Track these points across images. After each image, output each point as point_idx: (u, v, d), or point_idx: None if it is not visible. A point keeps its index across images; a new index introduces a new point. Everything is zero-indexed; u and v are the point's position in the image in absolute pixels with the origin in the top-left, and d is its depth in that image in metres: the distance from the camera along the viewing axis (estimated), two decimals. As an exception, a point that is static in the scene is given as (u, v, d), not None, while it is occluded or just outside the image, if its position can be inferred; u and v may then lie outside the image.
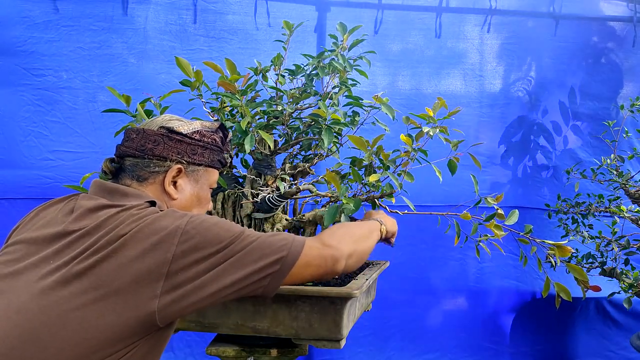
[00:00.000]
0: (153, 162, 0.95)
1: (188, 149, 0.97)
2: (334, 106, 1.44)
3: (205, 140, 1.00)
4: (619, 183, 2.04)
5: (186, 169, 0.98)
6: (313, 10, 2.42)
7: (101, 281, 0.77)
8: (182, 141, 0.97)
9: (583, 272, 1.26)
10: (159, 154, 0.95)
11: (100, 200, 0.89)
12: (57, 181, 2.19)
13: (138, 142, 0.96)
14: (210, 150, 1.01)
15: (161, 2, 2.30)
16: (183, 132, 0.97)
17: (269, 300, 1.23)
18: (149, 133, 0.96)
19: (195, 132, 0.99)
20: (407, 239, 2.48)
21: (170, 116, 1.03)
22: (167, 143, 0.96)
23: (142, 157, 0.95)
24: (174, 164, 0.96)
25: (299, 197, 1.51)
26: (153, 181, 0.95)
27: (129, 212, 0.84)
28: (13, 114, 2.19)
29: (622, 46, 2.61)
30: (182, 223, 0.82)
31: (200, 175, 1.00)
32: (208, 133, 1.01)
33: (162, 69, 2.28)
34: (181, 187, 0.98)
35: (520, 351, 2.62)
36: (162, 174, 0.96)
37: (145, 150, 0.95)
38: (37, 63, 2.18)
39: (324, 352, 2.41)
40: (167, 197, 0.96)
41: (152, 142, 0.95)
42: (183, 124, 1.00)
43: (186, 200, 0.98)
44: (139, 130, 0.98)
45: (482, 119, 2.58)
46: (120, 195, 0.91)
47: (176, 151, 0.96)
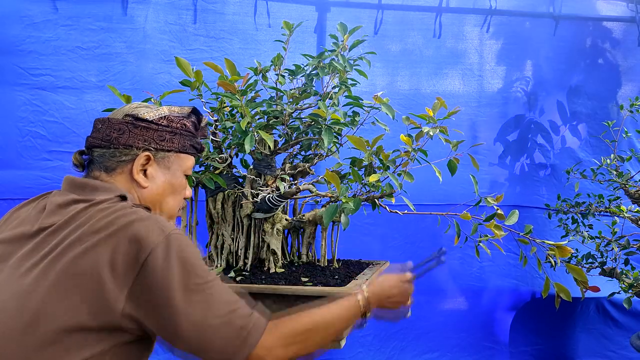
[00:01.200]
0: (119, 151, 0.93)
1: (155, 135, 0.94)
2: (333, 106, 1.43)
3: (173, 125, 0.97)
4: (618, 183, 2.04)
5: (155, 156, 0.95)
6: (313, 10, 2.42)
7: (74, 273, 0.77)
8: (149, 128, 0.94)
9: (582, 272, 1.26)
10: (125, 143, 0.93)
11: (70, 196, 0.88)
12: (55, 181, 2.18)
13: (104, 131, 0.94)
14: (180, 136, 0.97)
15: (161, 2, 2.29)
16: (149, 118, 0.95)
17: (269, 301, 1.23)
18: (114, 122, 0.94)
19: (162, 118, 0.96)
20: (406, 239, 2.48)
21: (137, 104, 1.00)
22: (132, 131, 0.93)
23: (108, 147, 0.93)
24: (141, 152, 0.93)
25: (298, 197, 1.50)
26: (121, 171, 0.93)
27: (99, 206, 0.83)
28: (10, 114, 2.18)
29: (621, 46, 2.61)
30: (156, 242, 0.79)
31: (171, 162, 0.97)
32: (177, 118, 0.98)
33: (161, 69, 2.27)
34: (151, 175, 0.95)
35: (520, 350, 2.62)
36: (129, 163, 0.93)
37: (111, 140, 0.93)
38: (35, 62, 2.17)
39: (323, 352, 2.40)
40: (137, 186, 0.94)
41: (117, 130, 0.93)
42: (149, 110, 0.97)
43: (158, 188, 0.96)
44: (105, 119, 0.95)
45: (481, 119, 2.58)
46: (90, 189, 0.89)
47: (142, 138, 0.93)
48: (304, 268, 1.49)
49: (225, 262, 1.49)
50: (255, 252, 1.48)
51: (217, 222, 1.50)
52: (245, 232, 1.48)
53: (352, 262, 1.67)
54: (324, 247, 1.55)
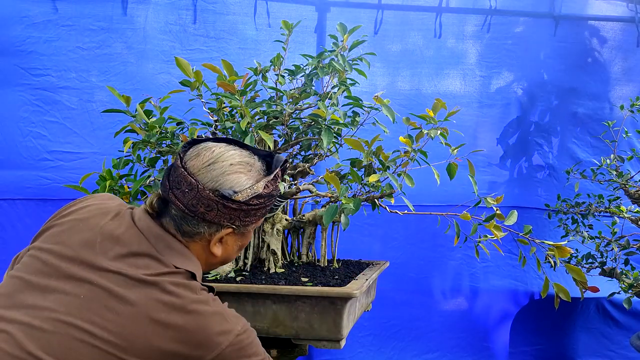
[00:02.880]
0: (202, 225, 0.87)
1: (242, 214, 0.88)
2: (333, 106, 1.43)
3: (262, 201, 0.89)
4: (618, 183, 2.04)
5: (237, 231, 0.90)
6: (313, 10, 2.42)
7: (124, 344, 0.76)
8: (238, 209, 0.87)
9: (582, 272, 1.26)
10: (211, 220, 0.86)
11: (143, 245, 0.84)
12: (55, 182, 2.18)
13: (190, 199, 0.85)
14: (265, 207, 0.91)
15: (161, 2, 2.30)
16: (241, 199, 0.86)
17: (269, 301, 1.23)
18: (203, 195, 0.84)
19: (254, 198, 0.87)
20: (406, 239, 2.48)
21: (228, 163, 0.87)
22: (221, 210, 0.86)
23: (193, 216, 0.86)
24: (224, 229, 0.89)
25: (299, 197, 1.51)
26: (198, 240, 0.89)
27: (168, 280, 0.81)
28: (11, 114, 2.18)
29: (621, 46, 2.61)
30: (225, 344, 0.81)
31: (249, 229, 0.93)
32: (267, 192, 0.89)
33: (161, 69, 2.28)
34: (226, 243, 0.91)
35: (520, 350, 2.62)
36: (208, 233, 0.88)
37: (196, 213, 0.85)
38: (35, 63, 2.17)
39: (324, 352, 2.41)
40: (210, 255, 0.91)
41: (205, 206, 0.85)
42: (240, 184, 0.86)
43: (229, 253, 0.94)
44: (194, 185, 0.84)
45: (480, 119, 2.58)
46: (164, 246, 0.85)
47: (229, 217, 0.87)
48: (304, 268, 1.49)
49: (225, 262, 1.49)
50: (255, 252, 1.49)
51: (217, 222, 1.50)
52: (245, 232, 1.47)
53: (352, 262, 1.67)
54: (324, 247, 1.55)
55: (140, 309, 0.78)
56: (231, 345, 0.81)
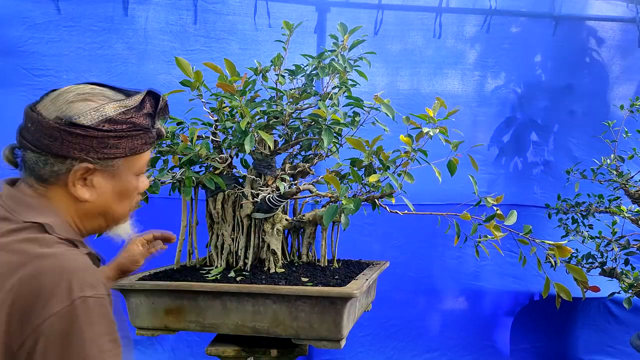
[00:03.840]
0: (51, 161, 0.77)
1: (95, 143, 0.77)
2: (334, 106, 1.44)
3: (119, 127, 0.78)
4: (619, 183, 2.04)
5: (96, 165, 0.79)
6: (313, 10, 2.43)
7: None
8: (86, 135, 0.76)
9: (582, 272, 1.26)
10: (57, 152, 0.76)
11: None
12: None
13: (34, 133, 0.77)
14: (128, 138, 0.80)
15: (161, 3, 2.30)
16: (86, 123, 0.76)
17: (269, 301, 1.24)
18: (45, 125, 0.76)
19: (104, 121, 0.77)
20: (406, 239, 2.49)
21: (74, 93, 0.79)
22: (65, 138, 0.76)
23: (40, 153, 0.77)
24: (78, 163, 0.77)
25: (299, 197, 1.51)
26: (56, 182, 0.78)
27: (12, 246, 0.71)
28: (13, 115, 2.17)
29: (621, 46, 2.61)
30: (56, 309, 0.66)
31: (118, 167, 0.81)
32: (124, 116, 0.79)
33: (162, 69, 2.28)
34: (95, 185, 0.80)
35: (521, 348, 2.62)
36: (65, 174, 0.78)
37: (42, 146, 0.77)
38: (37, 63, 2.19)
39: (324, 352, 2.41)
40: (78, 202, 0.80)
41: (49, 137, 0.76)
42: (87, 109, 0.77)
43: (103, 199, 0.81)
44: (34, 118, 0.78)
45: (480, 118, 2.58)
46: (15, 203, 0.77)
47: (78, 147, 0.76)
48: (304, 268, 1.49)
49: (225, 262, 1.50)
50: (255, 252, 1.49)
51: (217, 222, 1.51)
52: (245, 232, 1.48)
53: (352, 262, 1.67)
54: (324, 247, 1.56)
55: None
56: (59, 314, 0.66)
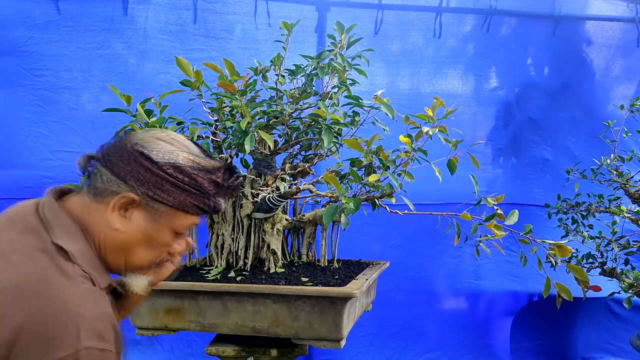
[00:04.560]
0: (109, 178, 0.80)
1: (152, 179, 0.79)
2: (333, 106, 1.44)
3: (181, 177, 0.80)
4: (619, 183, 2.04)
5: (144, 201, 0.80)
6: (313, 10, 2.42)
7: None
8: (150, 169, 0.79)
9: (583, 272, 1.26)
10: (118, 173, 0.79)
11: (31, 220, 0.77)
12: (57, 181, 2.19)
13: (110, 149, 0.81)
14: (183, 191, 0.81)
15: (161, 2, 2.30)
16: (155, 159, 0.79)
17: (269, 301, 1.24)
18: (122, 145, 0.81)
19: (171, 166, 0.80)
20: (406, 238, 2.49)
21: (166, 134, 0.84)
22: (131, 165, 0.79)
23: (106, 168, 0.80)
24: (128, 191, 0.79)
25: (299, 197, 1.51)
26: (102, 200, 0.80)
27: (34, 267, 0.71)
28: (13, 114, 2.19)
29: (621, 46, 2.61)
30: (60, 356, 0.64)
31: (161, 214, 0.81)
32: (192, 170, 0.81)
33: (162, 69, 2.28)
34: (132, 218, 0.81)
35: (521, 347, 2.62)
36: (113, 196, 0.79)
37: (110, 163, 0.80)
38: (37, 63, 2.19)
39: (324, 352, 2.41)
40: (109, 227, 0.80)
41: (119, 157, 0.80)
42: (163, 149, 0.80)
43: (131, 236, 0.81)
44: (122, 137, 0.82)
45: (480, 118, 2.58)
46: (57, 221, 0.78)
47: (137, 177, 0.79)
48: (304, 268, 1.49)
49: (225, 262, 1.50)
50: (255, 252, 1.49)
51: (217, 222, 1.51)
52: (246, 232, 1.48)
53: (352, 262, 1.67)
54: (324, 247, 1.56)
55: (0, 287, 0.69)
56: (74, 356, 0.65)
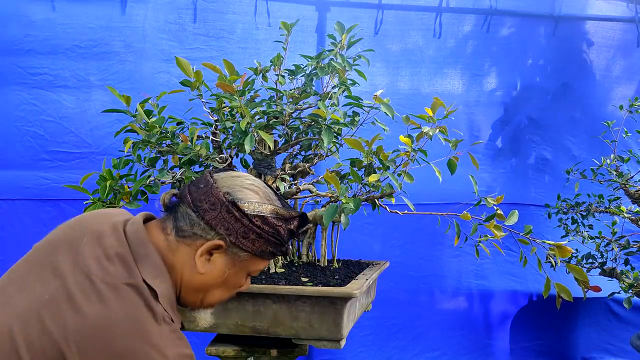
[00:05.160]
0: (199, 224, 0.84)
1: (241, 230, 0.84)
2: (333, 106, 1.43)
3: (266, 229, 0.85)
4: (619, 183, 2.04)
5: (228, 248, 0.85)
6: (313, 10, 2.42)
7: None
8: (240, 220, 0.84)
9: (583, 272, 1.26)
10: (208, 221, 0.83)
11: (121, 248, 0.79)
12: (55, 182, 2.17)
13: (199, 194, 0.85)
14: (265, 241, 0.86)
15: (160, 1, 2.29)
16: (246, 210, 0.84)
17: (269, 301, 1.23)
18: (214, 193, 0.84)
19: (259, 217, 0.84)
20: (406, 238, 2.48)
21: (250, 182, 0.88)
22: (222, 214, 0.83)
23: (195, 212, 0.84)
24: (217, 238, 0.84)
25: (299, 197, 1.50)
26: (189, 243, 0.84)
27: (128, 307, 0.74)
28: (9, 114, 2.17)
29: (621, 46, 2.62)
30: None
31: (240, 260, 0.87)
32: (275, 222, 0.86)
33: (160, 68, 2.27)
34: (214, 262, 0.86)
35: (521, 347, 2.63)
36: (201, 240, 0.84)
37: (199, 208, 0.84)
38: (33, 62, 2.17)
39: (324, 352, 2.40)
40: (193, 267, 0.85)
41: (210, 204, 0.83)
42: (254, 201, 0.85)
43: (211, 278, 0.86)
44: (209, 183, 0.85)
45: (480, 118, 2.58)
46: (143, 253, 0.81)
47: (226, 226, 0.83)
48: (304, 268, 1.48)
49: (225, 262, 1.49)
50: (255, 252, 1.48)
51: (217, 222, 1.49)
52: (245, 232, 1.47)
53: (352, 262, 1.66)
54: (324, 247, 1.55)
55: (91, 322, 0.71)
56: None
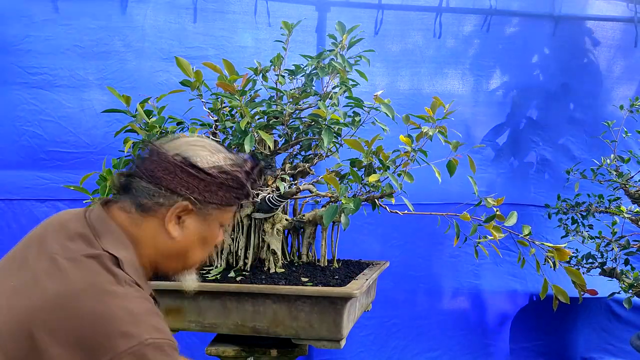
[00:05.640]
0: (159, 193, 0.83)
1: (201, 185, 0.84)
2: (333, 106, 1.43)
3: (224, 177, 0.86)
4: (619, 183, 2.04)
5: (195, 206, 0.85)
6: (313, 10, 2.42)
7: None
8: (197, 176, 0.84)
9: (580, 275, 1.26)
10: (167, 186, 0.83)
11: (82, 228, 0.81)
12: (53, 182, 2.17)
13: (151, 164, 0.84)
14: (227, 188, 0.87)
15: (160, 1, 2.29)
16: (201, 166, 0.84)
17: (269, 301, 1.23)
18: (163, 158, 0.84)
19: (215, 168, 0.85)
20: (406, 238, 2.48)
21: (195, 140, 0.88)
22: (179, 175, 0.83)
23: (151, 184, 0.83)
24: (182, 200, 0.84)
25: (299, 197, 1.50)
26: (154, 214, 0.84)
27: (87, 272, 0.75)
28: (8, 113, 2.17)
29: (620, 46, 2.62)
30: (123, 348, 0.69)
31: (210, 214, 0.87)
32: (230, 168, 0.87)
33: (160, 68, 2.27)
34: (186, 225, 0.86)
35: (521, 347, 2.63)
36: (166, 207, 0.84)
37: (155, 177, 0.83)
38: (33, 61, 2.16)
39: (324, 352, 2.40)
40: (166, 235, 0.85)
41: (164, 170, 0.83)
42: (205, 155, 0.85)
43: (187, 241, 0.87)
44: (160, 151, 0.85)
45: (480, 118, 2.59)
46: (105, 230, 0.82)
47: (187, 186, 0.84)
48: (304, 268, 1.48)
49: (225, 262, 1.49)
50: (255, 252, 1.48)
51: (217, 222, 1.49)
52: (245, 232, 1.47)
53: (352, 262, 1.66)
54: (324, 247, 1.55)
55: (51, 296, 0.72)
56: (129, 354, 0.69)
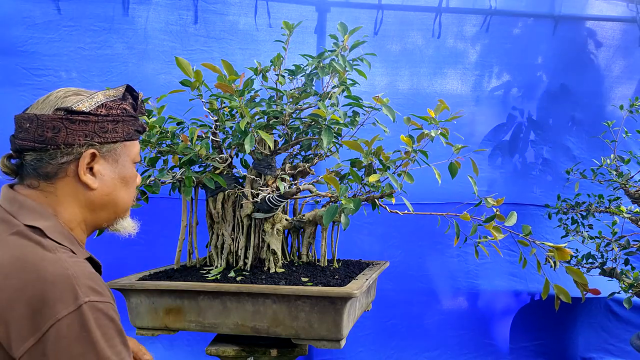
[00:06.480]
0: (58, 153, 0.81)
1: (96, 127, 0.83)
2: (333, 106, 1.44)
3: (113, 112, 0.86)
4: (619, 183, 2.04)
5: (100, 151, 0.84)
6: (313, 10, 2.43)
7: None
8: (87, 121, 0.83)
9: (582, 275, 1.26)
10: (63, 142, 0.81)
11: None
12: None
13: (34, 131, 0.81)
14: (122, 123, 0.87)
15: (162, 3, 2.30)
16: (85, 109, 0.83)
17: (269, 301, 1.24)
18: (45, 119, 0.81)
19: (100, 107, 0.84)
20: (406, 238, 2.49)
21: (64, 91, 0.86)
22: (69, 127, 0.81)
23: (44, 150, 0.81)
24: (84, 149, 0.83)
25: (299, 197, 1.51)
26: (64, 175, 0.82)
27: (12, 248, 0.74)
28: (12, 115, 2.18)
29: (621, 46, 2.61)
30: (64, 312, 0.68)
31: (118, 153, 0.87)
32: (115, 103, 0.86)
33: (162, 69, 2.29)
34: (99, 173, 0.85)
35: (521, 347, 2.63)
36: (72, 163, 0.82)
37: (46, 141, 0.81)
38: (37, 63, 2.19)
39: (324, 352, 2.41)
40: (85, 188, 0.84)
41: (52, 129, 0.80)
42: (82, 98, 0.84)
43: (108, 187, 0.86)
44: (32, 116, 0.82)
45: (480, 118, 2.59)
46: (18, 207, 0.80)
47: (83, 134, 0.82)
48: (304, 268, 1.49)
49: (225, 262, 1.50)
50: (255, 252, 1.49)
51: (217, 222, 1.51)
52: (245, 232, 1.48)
53: (352, 262, 1.67)
54: (324, 247, 1.56)
55: None
56: (69, 318, 0.68)
